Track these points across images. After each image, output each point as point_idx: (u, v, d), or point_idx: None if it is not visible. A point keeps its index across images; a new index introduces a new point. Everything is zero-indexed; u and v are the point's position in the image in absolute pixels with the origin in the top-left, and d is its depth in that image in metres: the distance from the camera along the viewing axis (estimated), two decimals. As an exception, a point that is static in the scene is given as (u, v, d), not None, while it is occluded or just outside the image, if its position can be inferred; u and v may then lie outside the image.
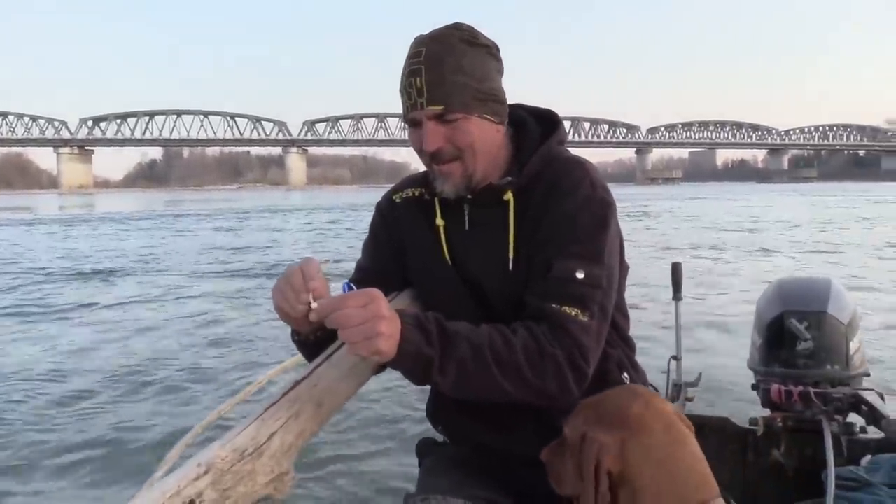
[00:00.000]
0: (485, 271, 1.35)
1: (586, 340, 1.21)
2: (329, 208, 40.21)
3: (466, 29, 1.30)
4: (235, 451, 1.02)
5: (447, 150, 1.29)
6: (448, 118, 1.26)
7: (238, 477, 1.01)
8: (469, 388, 1.18)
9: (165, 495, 0.93)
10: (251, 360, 5.54)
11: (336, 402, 1.22)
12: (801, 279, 2.66)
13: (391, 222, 1.48)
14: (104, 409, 4.47)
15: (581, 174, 1.31)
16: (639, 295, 8.57)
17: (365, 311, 1.08)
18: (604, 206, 1.29)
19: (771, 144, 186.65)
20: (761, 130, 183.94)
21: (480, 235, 1.36)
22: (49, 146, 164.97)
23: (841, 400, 2.13)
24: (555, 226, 1.28)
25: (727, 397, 3.99)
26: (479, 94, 1.27)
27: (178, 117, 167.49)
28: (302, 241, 19.26)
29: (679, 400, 2.61)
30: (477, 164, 1.31)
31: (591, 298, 1.23)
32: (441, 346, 1.15)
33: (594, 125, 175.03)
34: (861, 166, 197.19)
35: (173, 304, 8.77)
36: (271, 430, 1.08)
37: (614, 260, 1.30)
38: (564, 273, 1.24)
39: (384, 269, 1.47)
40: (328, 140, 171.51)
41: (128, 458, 3.64)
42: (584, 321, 1.21)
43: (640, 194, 63.11)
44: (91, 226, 27.18)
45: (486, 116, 1.29)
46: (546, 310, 1.22)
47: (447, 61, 1.24)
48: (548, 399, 1.21)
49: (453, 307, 1.39)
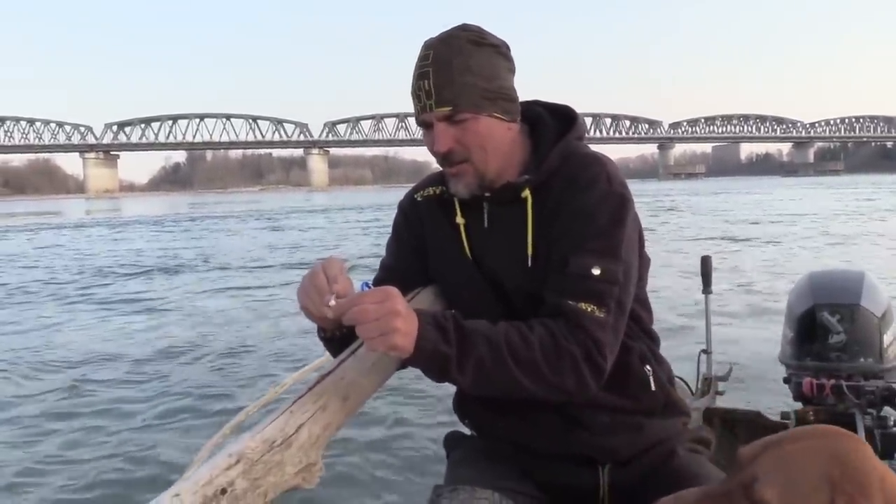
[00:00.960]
0: (504, 268, 1.36)
1: (602, 336, 1.21)
2: (361, 208, 40.57)
3: (474, 30, 1.30)
4: (265, 441, 1.05)
5: (458, 150, 1.30)
6: (457, 119, 1.28)
7: (268, 467, 1.04)
8: (488, 385, 1.20)
9: (198, 484, 0.96)
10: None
11: (361, 395, 1.25)
12: (833, 271, 2.65)
13: (413, 221, 1.49)
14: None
15: (598, 169, 1.31)
16: (666, 288, 8.55)
17: (380, 307, 1.10)
18: (620, 200, 1.29)
19: (796, 138, 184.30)
20: (786, 123, 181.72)
21: (500, 233, 1.37)
22: (75, 151, 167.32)
23: (874, 393, 2.12)
24: (571, 221, 1.28)
25: (758, 391, 3.97)
26: (487, 92, 1.28)
27: (200, 120, 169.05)
28: (343, 236, 19.66)
29: (709, 393, 2.62)
30: (488, 164, 1.32)
31: (607, 294, 1.23)
32: (458, 344, 1.16)
33: (615, 121, 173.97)
34: (889, 158, 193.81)
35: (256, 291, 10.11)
36: (299, 422, 1.11)
37: (631, 255, 1.30)
38: (581, 269, 1.24)
39: (407, 267, 1.48)
40: (349, 141, 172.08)
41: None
42: (601, 317, 1.22)
43: (662, 190, 62.66)
44: (135, 229, 28.27)
45: (496, 115, 1.30)
46: (563, 306, 1.23)
47: (454, 62, 1.25)
48: (566, 394, 1.21)
49: (475, 304, 1.40)
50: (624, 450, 1.38)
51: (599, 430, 1.36)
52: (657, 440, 1.40)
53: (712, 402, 2.56)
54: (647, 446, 1.39)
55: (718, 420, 2.39)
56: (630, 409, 1.38)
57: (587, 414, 1.34)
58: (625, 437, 1.37)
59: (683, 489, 1.28)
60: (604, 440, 1.36)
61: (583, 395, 1.22)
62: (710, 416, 2.38)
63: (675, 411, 1.44)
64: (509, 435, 1.43)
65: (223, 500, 0.97)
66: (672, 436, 1.42)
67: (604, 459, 1.38)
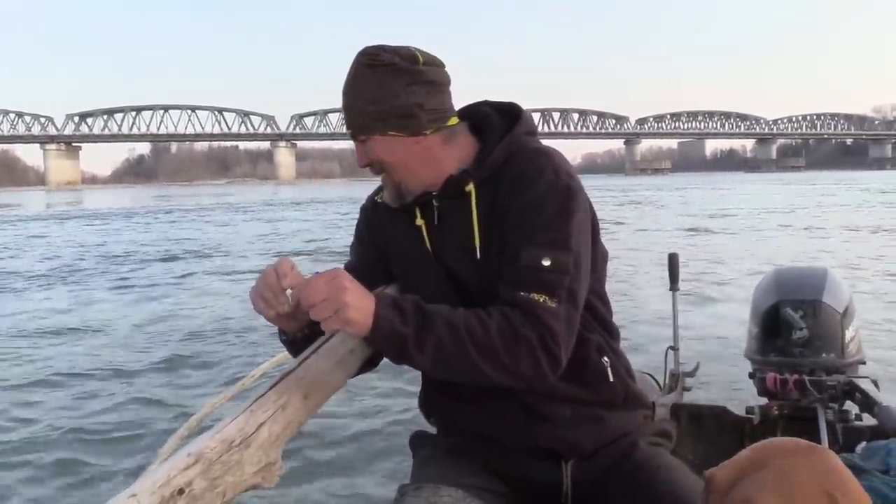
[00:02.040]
0: (457, 263, 1.40)
1: (555, 325, 1.24)
2: (336, 201, 40.62)
3: (370, 52, 1.35)
4: (224, 441, 1.05)
5: (373, 165, 1.40)
6: (360, 139, 1.38)
7: (226, 467, 1.04)
8: (447, 367, 1.23)
9: (156, 484, 0.96)
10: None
11: (323, 394, 1.25)
12: (797, 268, 2.70)
13: (374, 224, 1.54)
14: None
15: (544, 162, 1.34)
16: (633, 285, 8.65)
17: (329, 284, 1.16)
18: (568, 192, 1.32)
19: (759, 134, 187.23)
20: (749, 120, 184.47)
21: (449, 228, 1.41)
22: (35, 143, 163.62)
23: (835, 388, 2.16)
24: (520, 215, 1.31)
25: (725, 386, 4.04)
26: (377, 114, 1.34)
27: (165, 112, 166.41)
28: (332, 224, 19.86)
29: (676, 389, 2.65)
30: (401, 176, 1.39)
31: (558, 284, 1.26)
32: (416, 324, 1.20)
33: (583, 116, 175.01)
34: (849, 155, 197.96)
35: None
36: (259, 421, 1.11)
37: (582, 245, 1.33)
38: (531, 261, 1.27)
39: (371, 267, 1.51)
40: (317, 134, 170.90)
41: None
42: (553, 307, 1.25)
43: (631, 185, 63.32)
44: (128, 220, 28.41)
45: (390, 133, 1.35)
46: (516, 298, 1.26)
47: (349, 90, 1.36)
48: (523, 381, 1.24)
49: (437, 299, 1.43)
50: (586, 443, 1.40)
51: (561, 423, 1.38)
52: (619, 434, 1.42)
53: (679, 397, 2.61)
54: (609, 440, 1.41)
55: (685, 415, 2.43)
56: (590, 400, 1.40)
57: (549, 406, 1.37)
58: (586, 430, 1.40)
59: (645, 481, 1.31)
60: (566, 432, 1.39)
61: (540, 384, 1.25)
62: (678, 411, 2.42)
63: (636, 404, 1.47)
64: (473, 428, 1.44)
65: (181, 500, 0.97)
66: (633, 429, 1.45)
67: (567, 453, 1.40)
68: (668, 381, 2.70)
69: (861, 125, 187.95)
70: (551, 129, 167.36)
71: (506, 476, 1.42)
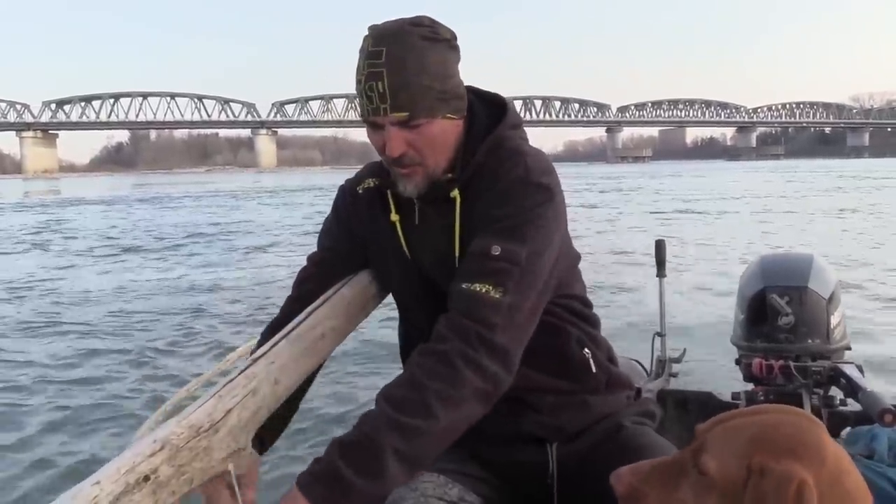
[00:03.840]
0: (435, 267, 1.36)
1: (493, 316, 1.16)
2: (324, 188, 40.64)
3: (427, 24, 1.24)
4: (191, 427, 1.04)
5: (410, 155, 1.26)
6: (412, 124, 1.23)
7: (194, 453, 1.02)
8: (426, 455, 1.11)
9: (120, 471, 0.95)
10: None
11: (293, 379, 1.24)
12: (783, 255, 2.72)
13: (352, 212, 1.47)
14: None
15: (517, 160, 1.28)
16: (618, 272, 8.68)
17: None
18: (536, 187, 1.25)
19: (739, 122, 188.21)
20: (730, 108, 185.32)
21: (429, 231, 1.36)
22: (11, 130, 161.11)
23: (820, 373, 2.18)
24: (483, 210, 1.27)
25: (711, 372, 4.06)
26: (442, 94, 1.24)
27: (143, 99, 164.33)
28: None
29: (663, 375, 2.67)
30: (438, 163, 1.30)
31: (504, 273, 1.18)
32: (357, 470, 1.05)
33: (565, 104, 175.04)
34: (827, 143, 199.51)
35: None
36: (228, 407, 1.10)
37: (543, 243, 1.24)
38: (480, 249, 1.21)
39: (346, 249, 1.47)
40: (298, 121, 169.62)
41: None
42: (495, 298, 1.16)
43: (613, 173, 63.55)
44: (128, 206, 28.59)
45: (448, 116, 1.27)
46: (457, 291, 1.19)
47: (410, 65, 1.20)
48: (488, 395, 1.15)
49: (411, 297, 1.42)
50: (571, 426, 1.39)
51: (546, 410, 1.38)
52: (603, 414, 1.42)
53: (666, 383, 2.62)
54: (594, 420, 1.41)
55: (672, 401, 2.45)
56: (574, 389, 1.40)
57: (533, 397, 1.35)
58: (571, 414, 1.39)
59: (630, 459, 1.31)
60: (551, 419, 1.38)
61: (500, 384, 1.17)
62: (664, 397, 2.44)
63: (619, 386, 1.47)
64: None
65: (146, 487, 0.96)
66: (617, 410, 1.44)
67: (552, 437, 1.39)
68: (654, 367, 2.72)
69: (839, 114, 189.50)
70: (533, 117, 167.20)
71: (489, 462, 1.41)
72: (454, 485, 1.34)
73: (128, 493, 0.94)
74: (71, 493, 0.92)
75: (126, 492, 0.94)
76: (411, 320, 1.46)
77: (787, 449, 0.84)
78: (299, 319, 1.33)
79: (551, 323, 1.30)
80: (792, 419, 0.87)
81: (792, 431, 0.86)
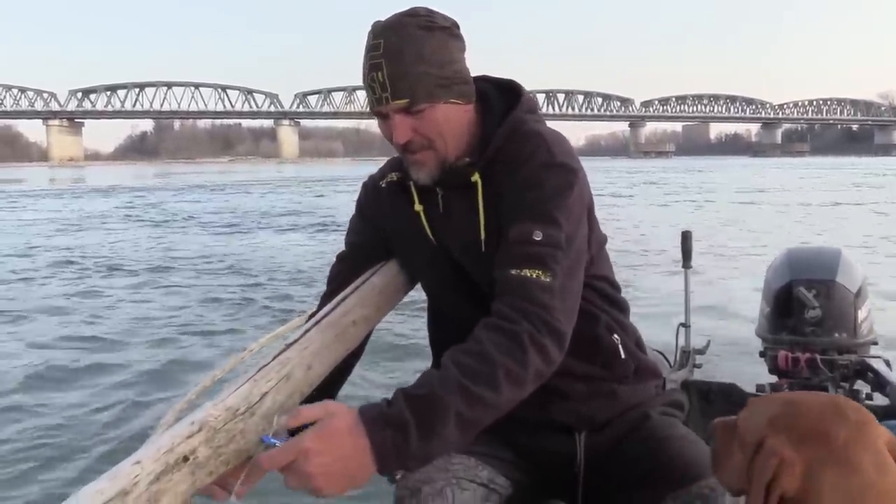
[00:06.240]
0: (462, 254, 1.37)
1: (550, 300, 1.17)
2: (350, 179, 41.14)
3: (423, 14, 1.27)
4: (228, 410, 1.05)
5: (417, 140, 1.29)
6: (414, 110, 1.26)
7: (230, 435, 1.04)
8: (478, 425, 1.11)
9: (160, 451, 0.96)
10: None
11: (325, 365, 1.25)
12: (811, 248, 2.70)
13: (375, 208, 1.49)
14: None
15: (538, 142, 1.30)
16: (643, 263, 8.66)
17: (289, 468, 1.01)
18: (563, 171, 1.27)
19: (764, 118, 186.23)
20: (755, 104, 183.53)
21: (454, 218, 1.37)
22: (38, 118, 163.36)
23: (847, 367, 2.17)
24: (513, 195, 1.28)
25: (735, 365, 4.03)
26: (441, 80, 1.26)
27: (168, 89, 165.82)
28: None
29: (687, 366, 2.66)
30: (448, 149, 1.31)
31: (550, 258, 1.20)
32: (417, 422, 1.05)
33: (588, 98, 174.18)
34: (854, 140, 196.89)
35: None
36: (263, 391, 1.11)
37: (576, 224, 1.27)
38: (521, 236, 1.22)
39: (372, 244, 1.49)
40: (321, 112, 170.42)
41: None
42: (547, 281, 1.19)
43: (635, 167, 63.16)
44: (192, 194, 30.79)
45: (452, 101, 1.29)
46: (507, 278, 1.20)
47: (406, 53, 1.23)
48: (541, 374, 1.16)
49: (441, 285, 1.43)
50: (599, 415, 1.40)
51: (575, 398, 1.38)
52: (631, 405, 1.42)
53: (690, 374, 2.62)
54: (621, 410, 1.41)
55: (695, 392, 2.44)
56: (603, 376, 1.40)
57: (562, 382, 1.34)
58: (600, 403, 1.39)
59: (657, 451, 1.32)
60: (580, 407, 1.38)
61: (554, 367, 1.19)
62: (688, 387, 2.43)
63: (648, 376, 1.46)
64: None
65: (185, 467, 0.97)
66: (645, 400, 1.44)
67: (580, 426, 1.40)
68: (678, 358, 2.70)
69: (867, 111, 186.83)
70: (556, 110, 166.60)
71: (518, 447, 1.42)
72: (484, 467, 1.35)
73: (167, 472, 0.95)
74: (111, 472, 0.94)
75: (166, 472, 0.95)
76: (441, 308, 1.47)
77: (801, 434, 0.85)
78: (331, 307, 1.35)
79: (581, 306, 1.29)
80: (832, 412, 0.86)
81: (822, 422, 0.86)
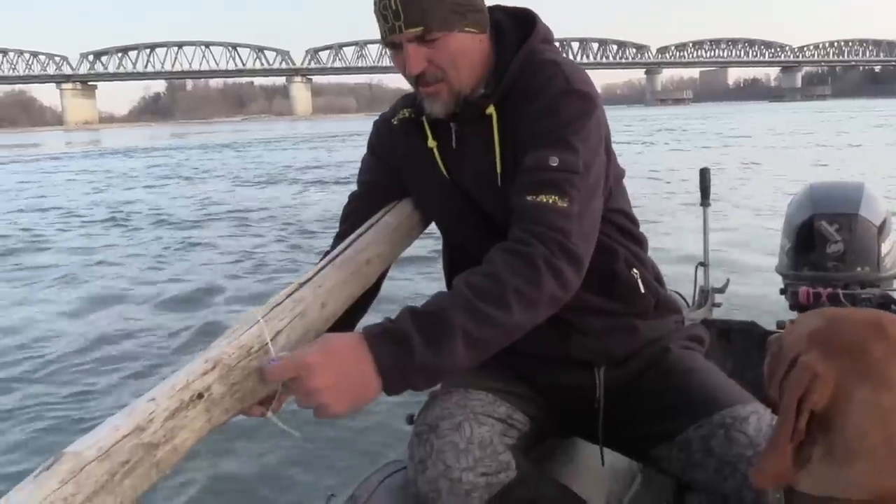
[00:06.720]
0: (477, 188, 1.34)
1: (566, 225, 1.15)
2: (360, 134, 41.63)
3: None
4: (242, 347, 1.04)
5: (431, 71, 1.25)
6: (428, 38, 1.22)
7: (245, 372, 1.03)
8: (487, 349, 1.10)
9: (175, 388, 0.95)
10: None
11: (339, 303, 1.23)
12: (833, 183, 2.65)
13: (388, 146, 1.46)
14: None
15: (553, 70, 1.26)
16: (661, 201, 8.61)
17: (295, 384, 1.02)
18: (580, 98, 1.24)
19: (784, 62, 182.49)
20: (774, 47, 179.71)
21: (468, 152, 1.34)
22: (51, 82, 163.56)
23: (870, 301, 2.13)
24: (530, 123, 1.25)
25: (755, 302, 3.99)
26: (456, 6, 1.22)
27: (179, 49, 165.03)
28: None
29: (706, 305, 2.64)
30: (462, 80, 1.27)
31: (567, 183, 1.18)
32: (425, 336, 1.04)
33: (603, 46, 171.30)
34: (877, 83, 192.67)
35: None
36: (276, 329, 1.09)
37: (594, 151, 1.24)
38: (537, 163, 1.19)
39: (386, 182, 1.46)
40: (332, 68, 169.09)
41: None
42: (563, 206, 1.16)
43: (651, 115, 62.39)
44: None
45: (466, 29, 1.25)
46: (523, 205, 1.18)
47: None
48: (557, 302, 1.15)
49: (455, 220, 1.41)
50: (618, 350, 1.38)
51: (594, 334, 1.36)
52: (651, 339, 1.40)
53: (709, 313, 2.59)
54: (641, 345, 1.39)
55: (714, 331, 2.42)
56: (622, 311, 1.38)
57: (581, 318, 1.33)
58: (619, 338, 1.38)
59: (678, 384, 1.30)
60: (599, 342, 1.37)
61: (571, 291, 1.16)
62: (707, 326, 2.42)
63: (667, 310, 1.45)
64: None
65: (200, 404, 0.96)
66: (665, 334, 1.42)
67: (599, 361, 1.38)
68: (697, 298, 2.68)
69: (890, 51, 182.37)
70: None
71: (537, 383, 1.41)
72: (502, 403, 1.34)
73: (182, 409, 0.95)
74: (127, 409, 0.93)
75: (181, 409, 0.95)
76: (456, 244, 1.45)
77: (836, 350, 0.84)
78: (345, 245, 1.32)
79: (598, 240, 1.27)
80: (870, 329, 0.84)
81: (858, 338, 0.84)
